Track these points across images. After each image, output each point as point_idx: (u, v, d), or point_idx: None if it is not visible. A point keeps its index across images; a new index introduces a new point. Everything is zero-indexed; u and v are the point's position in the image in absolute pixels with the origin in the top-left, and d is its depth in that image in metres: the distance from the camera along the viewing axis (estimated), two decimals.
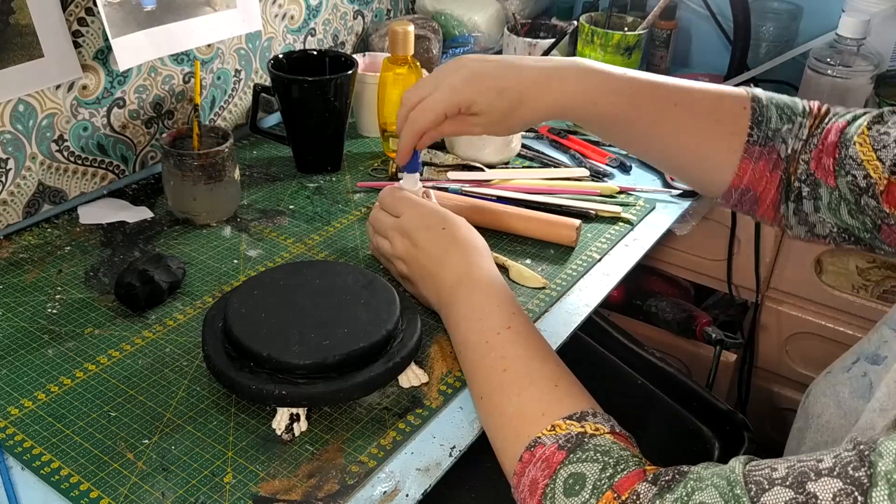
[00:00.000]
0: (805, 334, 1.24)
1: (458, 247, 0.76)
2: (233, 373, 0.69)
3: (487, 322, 0.68)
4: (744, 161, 0.72)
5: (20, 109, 0.91)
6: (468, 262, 0.75)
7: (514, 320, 0.68)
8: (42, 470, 0.65)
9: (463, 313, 0.71)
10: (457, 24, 1.42)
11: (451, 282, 0.74)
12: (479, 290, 0.72)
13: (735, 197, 0.74)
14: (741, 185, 0.73)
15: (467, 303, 0.72)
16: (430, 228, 0.78)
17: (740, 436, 0.95)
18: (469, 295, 0.72)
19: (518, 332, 0.67)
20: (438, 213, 0.80)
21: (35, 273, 0.89)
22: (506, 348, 0.66)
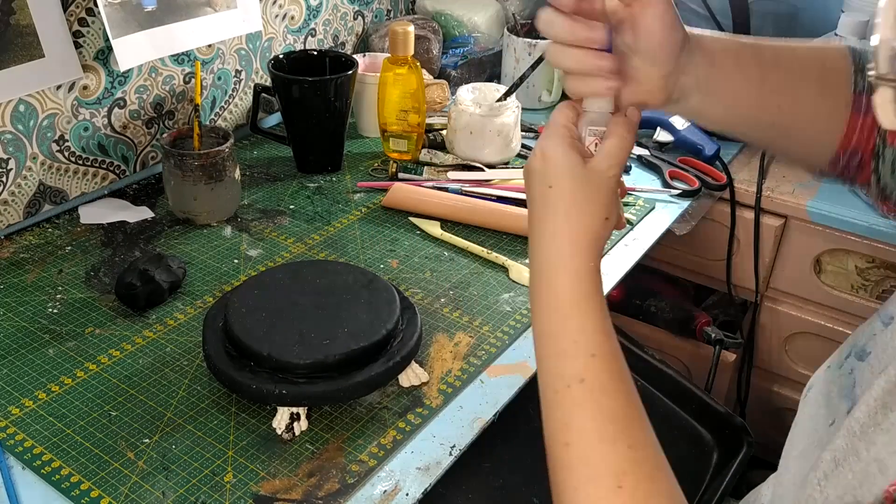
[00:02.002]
0: (804, 334, 1.24)
1: (554, 222, 0.55)
2: (233, 372, 0.69)
3: (560, 362, 0.54)
4: (853, 117, 0.63)
5: (21, 109, 0.91)
6: (558, 254, 0.55)
7: (591, 367, 0.53)
8: (43, 469, 0.65)
9: (541, 327, 0.56)
10: (457, 24, 1.42)
11: (534, 272, 0.57)
12: (558, 309, 0.55)
13: (843, 162, 0.65)
14: (850, 147, 0.64)
15: (546, 313, 0.55)
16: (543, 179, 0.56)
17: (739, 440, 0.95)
18: (551, 301, 0.55)
19: (592, 388, 0.53)
20: (557, 161, 0.56)
21: (36, 273, 0.89)
22: (573, 412, 0.53)
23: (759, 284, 1.23)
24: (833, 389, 0.56)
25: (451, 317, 0.84)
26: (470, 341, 0.81)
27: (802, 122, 0.65)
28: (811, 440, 0.55)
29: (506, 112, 1.10)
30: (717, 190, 1.13)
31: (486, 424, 0.71)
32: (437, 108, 1.25)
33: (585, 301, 0.55)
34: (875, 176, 0.65)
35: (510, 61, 1.31)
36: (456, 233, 0.98)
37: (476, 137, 1.10)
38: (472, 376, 0.76)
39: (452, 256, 0.95)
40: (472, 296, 0.88)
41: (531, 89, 1.31)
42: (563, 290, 0.55)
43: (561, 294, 0.55)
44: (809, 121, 0.64)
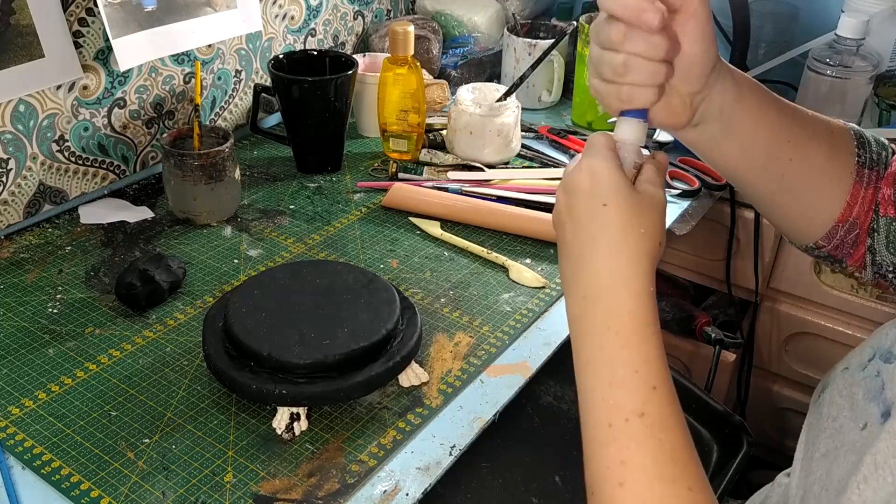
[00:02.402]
0: (804, 334, 1.24)
1: (610, 241, 0.52)
2: (233, 372, 0.69)
3: (617, 393, 0.50)
4: (855, 186, 0.62)
5: (21, 109, 0.91)
6: (616, 275, 0.52)
7: (652, 400, 0.49)
8: (43, 469, 0.65)
9: (592, 353, 0.52)
10: (457, 24, 1.42)
11: (585, 294, 0.53)
12: (619, 334, 0.51)
13: (840, 235, 0.63)
14: (850, 217, 0.62)
15: (601, 338, 0.51)
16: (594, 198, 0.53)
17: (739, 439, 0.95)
18: (610, 325, 0.51)
19: (653, 423, 0.49)
20: (610, 180, 0.53)
21: (36, 273, 0.89)
22: (630, 449, 0.48)
23: (759, 284, 1.23)
24: (857, 392, 0.55)
25: (451, 317, 0.84)
26: (470, 341, 0.81)
27: (809, 180, 0.63)
28: (837, 442, 0.55)
29: (506, 112, 1.10)
30: (717, 190, 1.13)
31: (486, 424, 0.71)
32: (437, 108, 1.25)
33: (646, 327, 0.51)
34: (870, 255, 0.64)
35: (510, 61, 1.31)
36: (456, 233, 0.98)
37: (476, 137, 1.10)
38: (472, 376, 0.76)
39: (452, 256, 0.95)
40: (472, 296, 0.88)
41: (531, 89, 1.31)
42: (623, 314, 0.51)
43: (621, 318, 0.51)
44: (816, 180, 0.63)
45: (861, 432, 0.52)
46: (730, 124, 0.59)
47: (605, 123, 1.25)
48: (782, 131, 0.61)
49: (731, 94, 0.58)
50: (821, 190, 0.63)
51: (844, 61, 1.16)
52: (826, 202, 0.63)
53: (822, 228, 0.64)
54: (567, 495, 0.80)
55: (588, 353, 0.51)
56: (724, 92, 0.57)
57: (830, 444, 0.55)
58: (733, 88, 0.58)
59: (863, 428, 0.52)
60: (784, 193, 0.64)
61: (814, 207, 0.64)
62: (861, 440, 0.51)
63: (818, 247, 0.65)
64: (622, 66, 0.53)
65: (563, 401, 0.90)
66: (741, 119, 0.60)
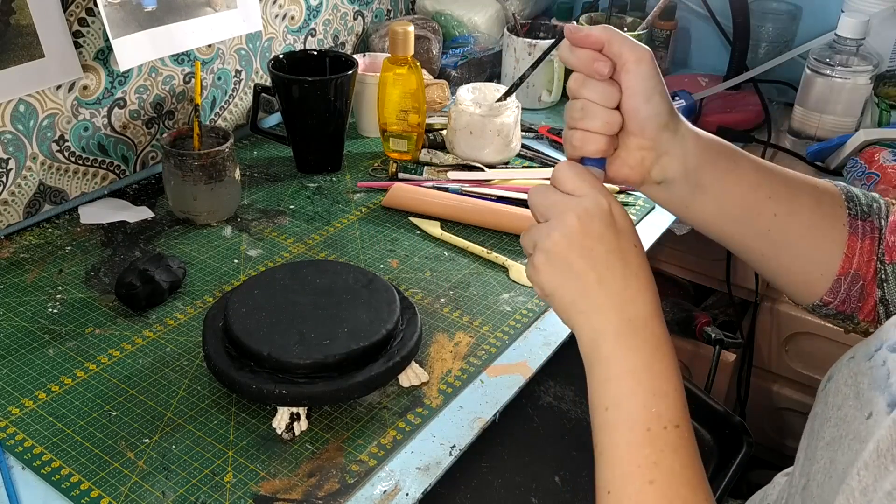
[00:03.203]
0: (804, 334, 1.24)
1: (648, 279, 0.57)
2: (233, 372, 0.69)
3: (661, 403, 0.54)
4: (851, 238, 0.63)
5: (21, 109, 0.91)
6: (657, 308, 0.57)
7: (685, 418, 0.54)
8: (43, 469, 0.65)
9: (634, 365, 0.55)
10: (457, 24, 1.42)
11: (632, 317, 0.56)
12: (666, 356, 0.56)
13: (843, 289, 0.64)
14: (850, 270, 0.63)
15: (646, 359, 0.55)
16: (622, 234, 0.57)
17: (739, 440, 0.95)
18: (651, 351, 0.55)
19: (684, 436, 0.54)
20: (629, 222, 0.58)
21: (36, 273, 0.89)
22: (665, 453, 0.53)
23: (759, 284, 1.23)
24: (863, 381, 0.56)
25: (451, 317, 0.84)
26: (470, 341, 0.81)
27: (799, 235, 0.64)
28: (842, 431, 0.55)
29: (506, 112, 1.10)
30: None
31: (486, 424, 0.71)
32: (437, 108, 1.25)
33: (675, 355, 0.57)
34: (882, 307, 0.64)
35: (510, 61, 1.31)
36: (456, 233, 0.98)
37: (476, 137, 1.10)
38: (472, 376, 0.76)
39: (452, 256, 0.95)
40: (472, 296, 0.88)
41: (531, 89, 1.31)
42: (668, 342, 0.56)
43: (666, 344, 0.56)
44: (806, 234, 0.64)
45: (866, 421, 0.52)
46: (698, 184, 0.62)
47: None
48: (762, 187, 0.63)
49: (694, 155, 0.61)
50: (814, 244, 0.64)
51: (844, 61, 1.17)
52: (822, 256, 0.64)
53: (825, 284, 0.64)
54: (567, 495, 0.80)
55: (633, 364, 0.55)
56: (685, 153, 0.61)
57: (835, 433, 0.56)
58: (695, 149, 0.61)
59: (868, 417, 0.52)
60: (774, 248, 0.65)
61: (810, 261, 0.65)
62: (866, 429, 0.52)
63: (825, 303, 0.66)
64: (580, 111, 0.58)
65: (562, 401, 0.90)
66: (711, 178, 0.62)
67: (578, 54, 0.58)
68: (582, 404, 0.90)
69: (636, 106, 0.58)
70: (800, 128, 1.23)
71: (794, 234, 0.64)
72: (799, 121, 1.22)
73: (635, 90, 0.58)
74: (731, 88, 1.28)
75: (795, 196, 0.64)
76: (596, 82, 0.58)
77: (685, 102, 1.20)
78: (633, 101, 0.58)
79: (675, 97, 1.21)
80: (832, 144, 1.16)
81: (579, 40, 0.58)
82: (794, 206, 0.63)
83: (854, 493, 0.47)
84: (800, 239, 0.64)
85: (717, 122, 1.25)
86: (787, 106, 1.32)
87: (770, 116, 1.28)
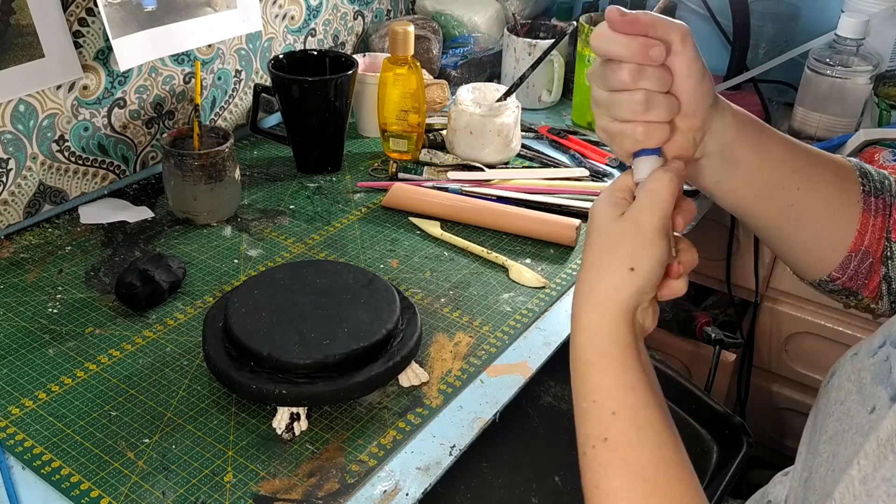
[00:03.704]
0: (804, 334, 1.24)
1: (584, 274, 0.56)
2: (233, 372, 0.69)
3: (584, 423, 0.54)
4: (864, 214, 0.62)
5: (21, 109, 0.91)
6: (580, 308, 0.55)
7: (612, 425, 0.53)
8: (43, 469, 0.65)
9: (572, 386, 0.56)
10: (457, 24, 1.42)
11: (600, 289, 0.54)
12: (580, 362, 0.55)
13: (853, 266, 0.64)
14: (862, 246, 0.63)
15: (572, 373, 0.56)
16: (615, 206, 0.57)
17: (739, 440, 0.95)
18: (573, 361, 0.55)
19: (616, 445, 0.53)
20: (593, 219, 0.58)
21: (36, 273, 0.89)
22: (601, 473, 0.53)
23: (759, 284, 1.23)
24: (865, 377, 0.55)
25: (451, 317, 0.84)
26: (470, 341, 0.81)
27: (818, 209, 0.63)
28: (844, 425, 0.55)
29: (506, 112, 1.10)
30: None
31: (486, 424, 0.71)
32: (437, 108, 1.25)
33: (600, 358, 0.54)
34: (885, 284, 0.64)
35: (510, 61, 1.31)
36: (456, 233, 0.98)
37: (476, 137, 1.10)
38: (472, 376, 0.76)
39: (452, 256, 0.95)
40: (472, 296, 0.88)
41: (531, 89, 1.31)
42: (579, 349, 0.55)
43: (578, 353, 0.55)
44: (825, 209, 0.63)
45: (869, 415, 0.52)
46: (732, 158, 0.61)
47: None
48: (786, 161, 0.62)
49: (732, 129, 0.60)
50: (831, 218, 0.63)
51: (844, 61, 1.17)
52: (837, 231, 0.63)
53: (835, 259, 0.64)
54: (567, 495, 0.80)
55: (572, 386, 0.56)
56: (724, 127, 0.59)
57: (838, 427, 0.56)
58: (733, 123, 0.60)
59: (870, 411, 0.52)
60: (794, 224, 0.64)
61: (825, 237, 0.64)
62: (868, 423, 0.52)
63: (832, 279, 0.65)
64: (644, 104, 0.54)
65: (562, 401, 0.90)
66: (743, 151, 0.61)
67: (628, 43, 0.53)
68: None
69: (692, 87, 0.56)
70: (800, 128, 1.23)
71: (814, 210, 0.63)
72: (799, 121, 1.23)
73: (689, 71, 0.55)
74: (731, 88, 1.28)
75: (817, 170, 0.63)
76: (653, 69, 0.54)
77: None
78: (689, 83, 0.55)
79: None
80: (832, 144, 1.16)
81: (625, 26, 0.53)
82: (815, 181, 0.63)
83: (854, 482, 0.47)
84: (819, 214, 0.63)
85: None
86: (788, 106, 1.32)
87: (770, 116, 1.28)
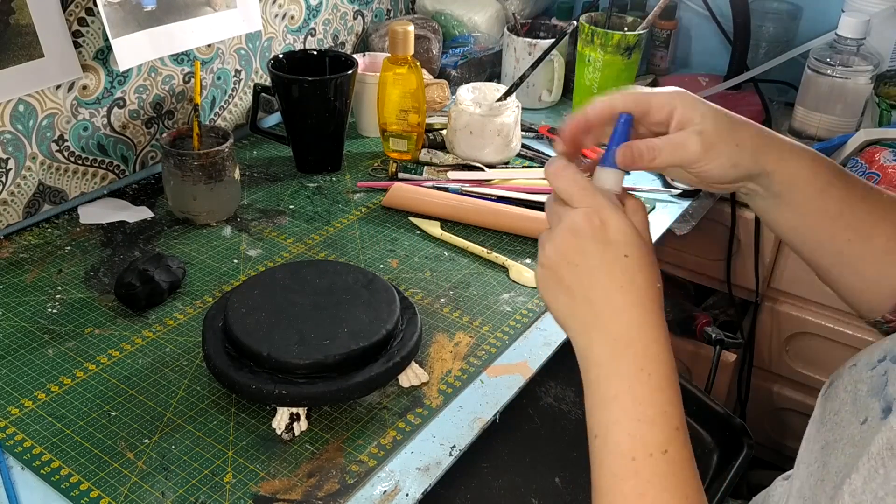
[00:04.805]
0: (805, 334, 1.24)
1: (638, 292, 0.55)
2: (233, 372, 0.69)
3: (645, 430, 0.52)
4: None
5: (20, 109, 0.91)
6: (647, 324, 0.54)
7: (675, 440, 0.53)
8: (42, 469, 0.65)
9: (618, 391, 0.54)
10: (457, 24, 1.42)
11: (616, 337, 0.54)
12: (651, 377, 0.53)
13: None
14: None
15: (630, 383, 0.53)
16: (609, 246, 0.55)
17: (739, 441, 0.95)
18: (637, 372, 0.53)
19: (674, 460, 0.52)
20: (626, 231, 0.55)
21: (35, 273, 0.89)
22: (652, 483, 0.51)
23: (760, 284, 1.23)
24: (862, 388, 0.55)
25: (451, 317, 0.84)
26: (470, 341, 0.81)
27: (871, 260, 0.62)
28: (836, 435, 0.55)
29: (506, 112, 1.09)
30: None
31: (486, 424, 0.71)
32: (437, 107, 1.24)
33: (672, 373, 0.54)
34: None
35: (510, 61, 1.31)
36: (456, 233, 0.98)
37: (476, 137, 1.10)
38: (472, 376, 0.76)
39: (452, 256, 0.95)
40: (472, 296, 0.88)
41: (531, 89, 1.30)
42: (658, 360, 0.54)
43: (656, 363, 0.53)
44: (879, 259, 0.62)
45: (860, 426, 0.52)
46: (782, 200, 0.61)
47: None
48: (842, 218, 0.62)
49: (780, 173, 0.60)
50: (884, 268, 0.63)
51: (845, 61, 1.16)
52: (889, 279, 0.62)
53: (889, 302, 0.63)
54: (567, 496, 0.80)
55: (616, 389, 0.53)
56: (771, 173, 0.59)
57: (830, 437, 0.56)
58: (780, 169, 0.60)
59: (862, 422, 0.52)
60: (843, 268, 0.64)
61: (878, 283, 0.63)
62: (860, 434, 0.52)
63: (885, 321, 0.64)
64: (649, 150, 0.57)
65: (563, 402, 0.90)
66: (795, 198, 0.61)
67: None
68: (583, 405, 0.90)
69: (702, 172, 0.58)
70: (800, 128, 1.23)
71: (865, 259, 0.63)
72: (799, 121, 1.22)
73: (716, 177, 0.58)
74: (731, 88, 1.28)
75: (876, 223, 0.62)
76: None
77: None
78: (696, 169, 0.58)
79: None
80: (833, 144, 1.16)
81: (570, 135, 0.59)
82: (872, 233, 0.62)
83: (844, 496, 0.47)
84: (872, 262, 0.63)
85: None
86: (788, 106, 1.32)
87: (770, 116, 1.28)
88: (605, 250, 0.54)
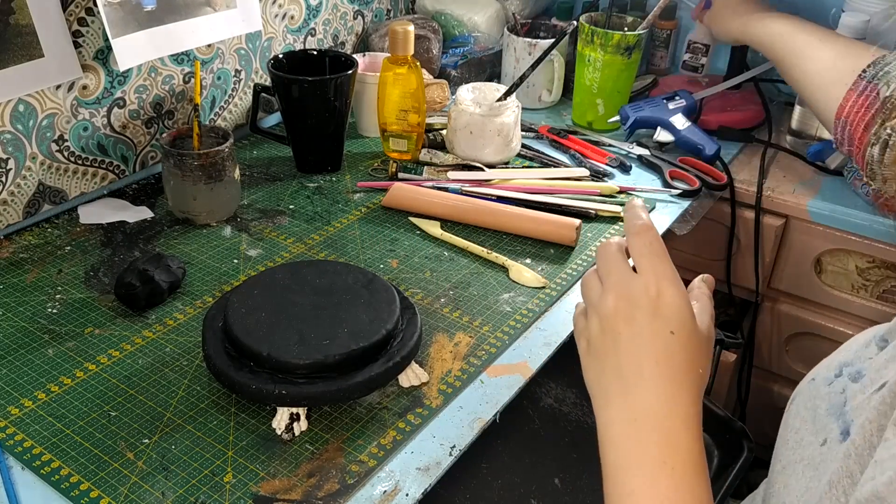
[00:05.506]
0: (805, 334, 1.24)
1: (674, 369, 0.51)
2: (233, 372, 0.69)
3: None
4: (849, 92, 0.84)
5: (20, 109, 0.91)
6: (676, 404, 0.51)
7: None
8: (42, 469, 0.65)
9: (637, 485, 0.50)
10: (457, 24, 1.42)
11: (639, 417, 0.51)
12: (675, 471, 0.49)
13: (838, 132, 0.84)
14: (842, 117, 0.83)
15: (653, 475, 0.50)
16: (657, 318, 0.52)
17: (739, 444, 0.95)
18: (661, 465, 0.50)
19: None
20: (679, 307, 0.52)
21: (35, 273, 0.89)
22: None
23: (760, 284, 1.23)
24: (820, 406, 0.54)
25: (451, 317, 0.84)
26: (470, 341, 0.81)
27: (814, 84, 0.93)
28: (797, 456, 0.54)
29: (506, 112, 1.09)
30: (717, 190, 1.13)
31: (486, 424, 0.71)
32: (437, 107, 1.24)
33: (700, 468, 0.50)
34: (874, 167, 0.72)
35: (510, 61, 1.31)
36: (456, 233, 0.98)
37: (476, 137, 1.10)
38: (472, 376, 0.76)
39: (452, 256, 0.95)
40: (472, 296, 0.88)
41: (531, 89, 1.30)
42: (682, 450, 0.50)
43: (679, 454, 0.50)
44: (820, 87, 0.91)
45: (820, 448, 0.51)
46: None
47: (605, 124, 1.25)
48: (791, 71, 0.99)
49: None
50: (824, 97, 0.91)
51: None
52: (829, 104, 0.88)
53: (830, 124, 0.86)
54: (566, 497, 0.80)
55: (633, 485, 0.49)
56: None
57: (791, 457, 0.55)
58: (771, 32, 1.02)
59: (822, 444, 0.51)
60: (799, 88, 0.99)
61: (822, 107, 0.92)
62: (819, 456, 0.51)
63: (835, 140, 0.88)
64: None
65: (563, 403, 0.90)
66: None
67: None
68: (583, 407, 0.90)
69: None
70: (800, 128, 1.23)
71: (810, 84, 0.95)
72: (799, 121, 1.22)
73: None
74: (731, 88, 1.28)
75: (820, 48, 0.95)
76: None
77: (685, 102, 1.20)
78: None
79: (675, 97, 1.21)
80: (833, 144, 1.16)
81: None
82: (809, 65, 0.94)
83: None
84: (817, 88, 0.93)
85: (718, 121, 1.24)
86: (788, 105, 1.32)
87: (770, 116, 1.28)
88: (654, 322, 0.51)
